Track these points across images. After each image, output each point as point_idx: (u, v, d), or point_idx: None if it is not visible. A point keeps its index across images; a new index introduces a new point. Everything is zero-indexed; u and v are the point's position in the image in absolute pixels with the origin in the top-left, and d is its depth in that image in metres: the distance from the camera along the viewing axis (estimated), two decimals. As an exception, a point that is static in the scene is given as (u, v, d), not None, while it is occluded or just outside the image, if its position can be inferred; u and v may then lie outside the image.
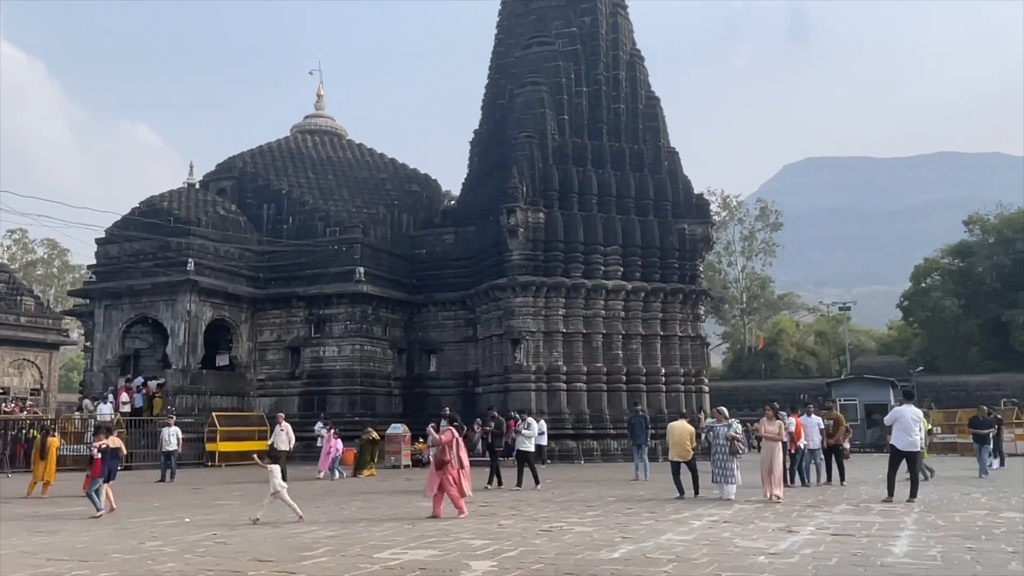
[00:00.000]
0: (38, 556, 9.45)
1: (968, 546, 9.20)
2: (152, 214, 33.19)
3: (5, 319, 39.87)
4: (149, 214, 33.27)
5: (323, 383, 32.79)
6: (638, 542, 9.84)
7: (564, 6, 36.09)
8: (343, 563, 8.61)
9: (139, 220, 33.18)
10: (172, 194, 34.80)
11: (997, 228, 57.04)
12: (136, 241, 32.64)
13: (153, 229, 32.50)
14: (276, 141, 42.17)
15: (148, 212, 33.42)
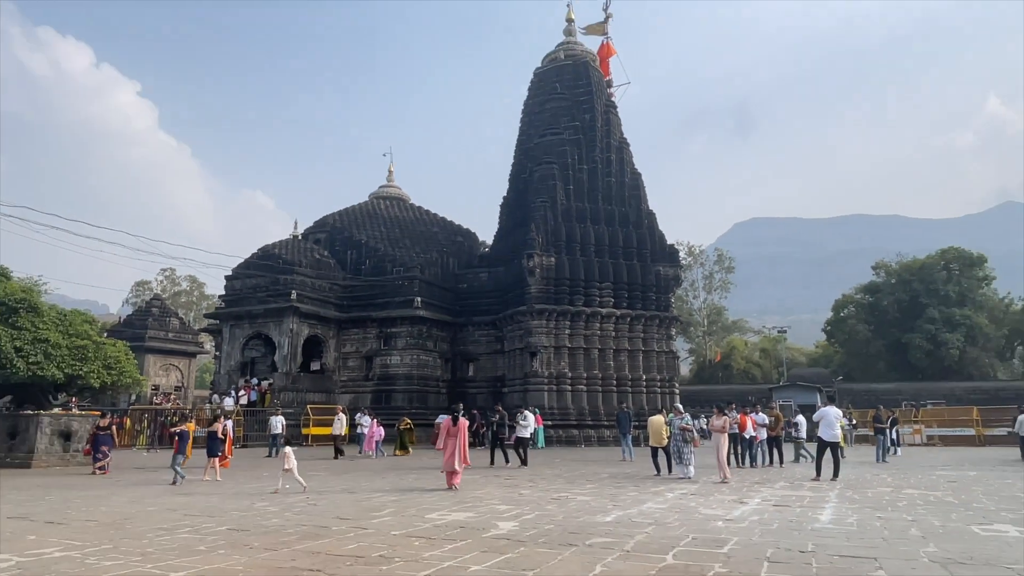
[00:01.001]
0: (177, 512, 9.56)
1: (878, 515, 9.10)
2: (266, 258, 33.76)
3: (157, 334, 40.42)
4: (264, 258, 33.84)
5: (389, 384, 32.91)
6: (625, 509, 9.80)
7: (570, 107, 36.50)
8: (402, 521, 8.64)
9: (256, 262, 33.75)
10: (281, 243, 35.36)
11: (897, 272, 56.91)
12: (253, 277, 33.14)
13: (266, 269, 33.02)
14: (358, 204, 42.94)
15: (263, 256, 34.00)
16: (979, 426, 31.07)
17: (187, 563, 6.19)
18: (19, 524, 8.45)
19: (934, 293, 52.90)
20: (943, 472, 16.37)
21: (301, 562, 6.21)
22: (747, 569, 5.90)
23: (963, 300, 52.89)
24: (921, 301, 52.86)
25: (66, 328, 19.40)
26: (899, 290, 54.91)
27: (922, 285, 53.70)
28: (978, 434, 30.73)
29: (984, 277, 55.60)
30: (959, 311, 51.63)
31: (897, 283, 55.73)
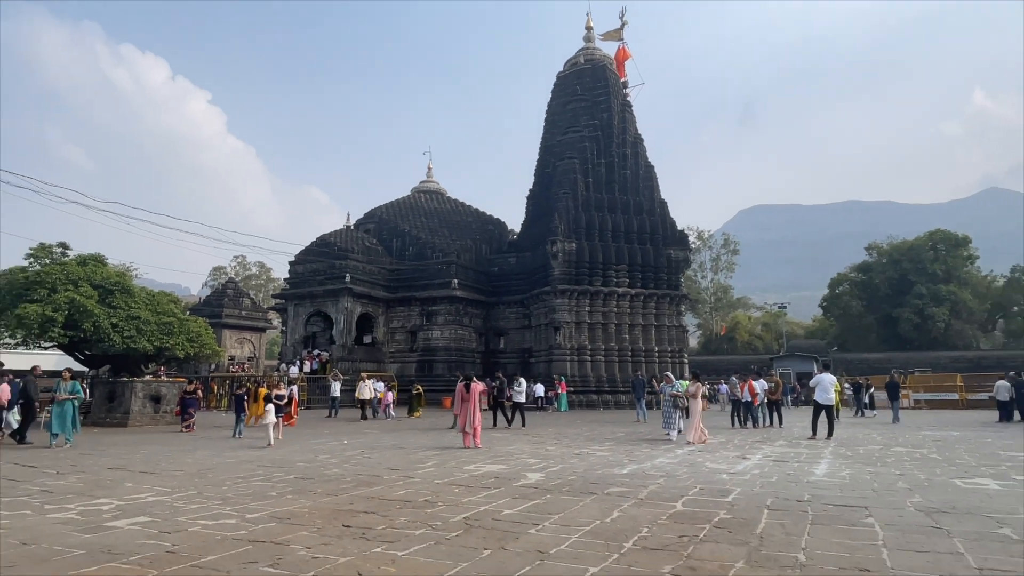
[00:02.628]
0: (251, 463, 9.80)
1: (868, 470, 8.99)
2: (323, 245, 34.11)
3: (232, 312, 41.21)
4: (321, 245, 34.19)
5: (431, 355, 33.15)
6: (639, 463, 9.81)
7: (589, 107, 36.01)
8: (444, 471, 8.75)
9: (315, 249, 34.15)
10: (335, 233, 35.64)
11: (888, 252, 55.67)
12: (313, 263, 33.53)
13: (324, 255, 33.38)
14: (401, 197, 43.05)
15: (320, 244, 34.36)
16: (962, 391, 30.35)
17: (260, 506, 6.36)
18: (118, 474, 8.76)
19: (922, 271, 51.77)
20: (928, 432, 16.07)
21: (358, 505, 6.35)
22: (749, 516, 5.88)
23: (949, 277, 51.76)
24: (910, 279, 51.81)
25: (154, 307, 19.87)
26: (890, 269, 53.80)
27: (911, 264, 52.66)
28: (961, 399, 30.04)
29: (968, 256, 54.26)
30: (945, 287, 50.61)
31: (888, 263, 54.60)
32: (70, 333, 17.59)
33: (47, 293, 17.58)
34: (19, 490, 7.35)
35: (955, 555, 4.52)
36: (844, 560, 4.39)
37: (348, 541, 4.94)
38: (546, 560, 4.40)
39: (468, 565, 4.28)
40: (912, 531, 5.24)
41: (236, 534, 5.17)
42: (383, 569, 4.20)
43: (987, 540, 4.94)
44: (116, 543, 4.90)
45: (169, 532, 5.26)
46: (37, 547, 4.81)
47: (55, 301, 17.20)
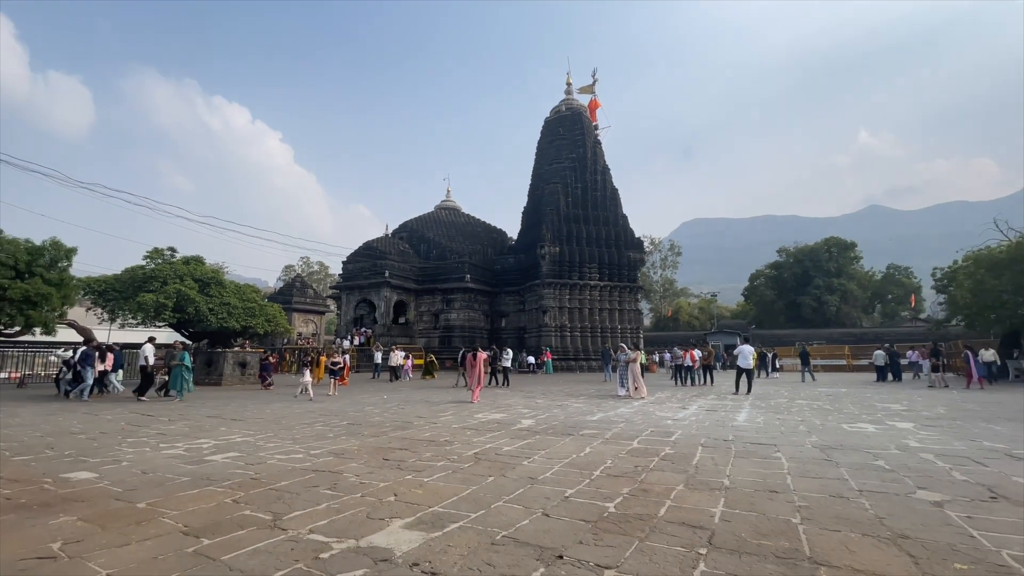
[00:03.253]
0: (314, 413, 9.80)
1: (777, 417, 9.00)
2: (368, 249, 33.92)
3: (299, 299, 41.02)
4: (366, 249, 34.00)
5: (449, 332, 33.02)
6: (606, 412, 9.81)
7: (569, 144, 35.79)
8: (459, 419, 8.75)
9: (362, 252, 33.96)
10: (377, 239, 35.40)
11: (794, 254, 55.46)
12: (360, 262, 33.36)
13: (368, 256, 33.22)
14: (426, 213, 42.73)
15: (366, 248, 34.15)
16: (849, 359, 30.41)
17: (321, 444, 6.37)
18: (213, 420, 8.77)
19: (819, 268, 51.60)
20: (823, 390, 16.12)
21: (395, 444, 6.36)
22: (687, 451, 5.90)
23: (839, 273, 51.59)
24: (810, 274, 51.63)
25: (241, 295, 19.78)
26: (795, 267, 53.63)
27: (811, 263, 52.41)
28: (848, 364, 30.11)
29: (854, 257, 54.06)
30: (836, 280, 50.51)
31: (794, 262, 54.42)
32: (177, 315, 17.55)
33: (160, 285, 17.53)
34: (140, 433, 7.36)
35: (841, 480, 4.56)
36: (758, 484, 4.42)
37: (387, 470, 4.96)
38: (535, 484, 4.43)
39: (477, 488, 4.30)
40: (809, 462, 5.27)
41: (303, 465, 5.19)
42: (413, 491, 4.22)
43: (865, 469, 4.97)
44: (212, 472, 4.92)
45: (253, 464, 5.28)
46: (153, 475, 4.82)
47: (166, 291, 17.15)
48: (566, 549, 2.99)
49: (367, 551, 3.00)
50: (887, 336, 36.29)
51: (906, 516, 3.54)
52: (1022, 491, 4.13)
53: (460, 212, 43.82)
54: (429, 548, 3.03)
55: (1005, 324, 20.90)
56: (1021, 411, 9.69)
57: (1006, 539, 3.10)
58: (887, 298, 55.70)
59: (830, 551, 2.94)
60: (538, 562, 2.83)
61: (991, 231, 24.80)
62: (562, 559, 2.86)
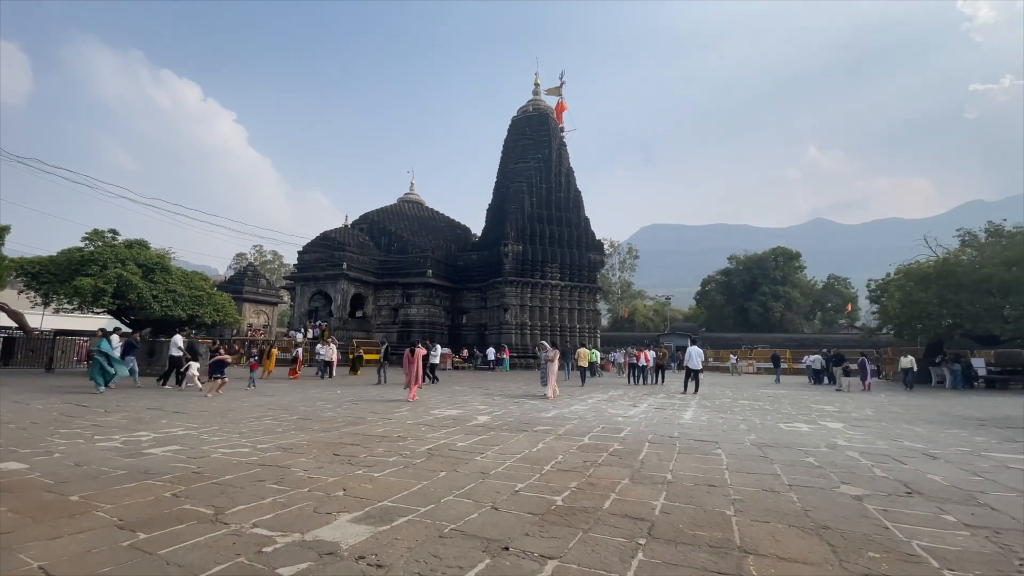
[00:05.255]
0: (263, 407, 9.49)
1: (720, 416, 9.39)
2: (325, 240, 32.95)
3: (251, 289, 39.49)
4: (324, 239, 33.02)
5: (409, 327, 32.46)
6: (560, 409, 9.97)
7: (535, 144, 35.98)
8: (414, 415, 8.70)
9: (319, 242, 32.97)
10: (336, 230, 34.42)
11: (744, 262, 57.74)
12: (317, 252, 32.36)
13: (325, 247, 32.28)
14: (389, 205, 41.89)
15: (323, 239, 33.17)
16: (790, 362, 31.98)
17: (269, 439, 6.20)
18: (154, 412, 8.36)
19: (766, 276, 53.91)
20: (764, 391, 16.87)
21: (346, 439, 6.26)
22: (635, 447, 6.10)
23: (784, 281, 54.03)
24: (758, 281, 53.88)
25: (188, 283, 18.86)
26: (744, 274, 55.84)
27: (759, 271, 54.67)
28: (789, 367, 31.67)
29: (799, 267, 56.75)
30: (781, 288, 52.88)
31: (743, 269, 56.64)
32: (118, 302, 16.54)
33: (99, 269, 16.46)
34: (74, 424, 6.93)
35: (774, 475, 4.84)
36: (699, 478, 4.63)
37: (337, 465, 4.88)
38: (487, 479, 4.47)
39: (428, 483, 4.31)
40: (747, 459, 5.56)
41: (249, 460, 5.04)
42: (363, 486, 4.18)
43: (797, 465, 5.29)
44: (151, 466, 4.70)
45: (195, 458, 5.08)
46: (87, 467, 4.56)
47: (106, 276, 16.12)
48: (512, 541, 3.06)
49: (312, 544, 2.96)
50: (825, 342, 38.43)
51: (829, 509, 3.81)
52: (936, 487, 4.51)
53: (423, 206, 43.23)
54: (376, 541, 3.03)
55: (930, 334, 22.63)
56: (939, 414, 10.52)
57: (917, 531, 3.39)
58: (827, 306, 59.02)
59: (758, 541, 3.13)
60: (484, 553, 2.88)
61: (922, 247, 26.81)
62: (508, 551, 2.92)
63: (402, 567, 2.70)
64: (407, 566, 2.71)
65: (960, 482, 4.67)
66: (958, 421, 9.30)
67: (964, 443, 6.85)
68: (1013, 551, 3.05)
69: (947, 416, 10.08)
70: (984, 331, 21.34)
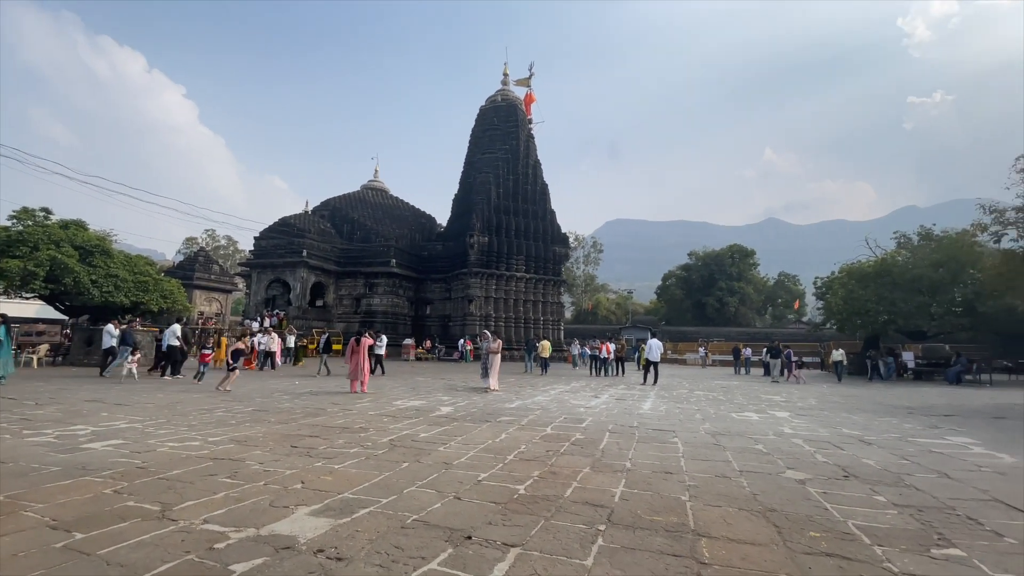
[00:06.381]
0: (215, 398, 9.13)
1: (678, 406, 9.71)
2: (284, 226, 31.79)
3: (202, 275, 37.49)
4: (283, 225, 31.85)
5: (371, 317, 31.85)
6: (524, 400, 10.06)
7: (503, 135, 35.81)
8: (376, 406, 8.57)
9: (277, 228, 31.79)
10: (295, 216, 33.27)
11: (703, 258, 59.49)
12: (275, 239, 31.21)
13: (284, 233, 31.18)
14: (352, 192, 40.74)
15: (282, 224, 31.99)
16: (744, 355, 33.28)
17: (222, 432, 5.97)
18: (94, 405, 7.89)
19: (723, 272, 55.94)
20: (718, 382, 17.54)
21: (305, 431, 6.11)
22: (596, 436, 6.23)
23: (739, 277, 56.23)
24: (715, 277, 55.85)
25: (131, 267, 17.79)
26: (702, 270, 57.69)
27: (716, 267, 56.63)
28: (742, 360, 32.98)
29: (753, 264, 59.19)
30: (736, 284, 55.08)
31: (702, 265, 58.47)
32: (51, 286, 15.41)
33: (29, 251, 15.26)
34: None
35: (726, 462, 5.06)
36: (656, 466, 4.79)
37: (294, 458, 4.76)
38: (450, 469, 4.47)
39: (390, 474, 4.26)
40: (701, 447, 5.78)
41: (199, 453, 4.83)
42: (322, 478, 4.10)
43: (747, 452, 5.55)
44: (90, 461, 4.44)
45: (140, 452, 4.83)
46: (14, 465, 4.26)
47: (37, 258, 14.98)
48: (475, 530, 3.07)
49: (268, 539, 2.88)
50: (775, 336, 40.35)
51: (775, 493, 4.02)
52: (869, 471, 4.84)
53: (388, 194, 42.31)
54: (336, 534, 2.97)
55: (868, 329, 24.13)
56: (874, 404, 11.26)
57: (853, 511, 3.62)
58: (777, 302, 61.90)
59: (711, 524, 3.28)
60: (447, 543, 2.88)
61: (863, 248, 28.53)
62: (470, 540, 2.93)
63: (363, 559, 2.66)
64: (368, 558, 2.67)
65: (890, 465, 5.03)
66: (890, 410, 9.98)
67: (894, 430, 7.37)
68: (933, 527, 3.32)
69: (880, 405, 10.80)
70: (914, 327, 22.95)
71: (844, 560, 2.78)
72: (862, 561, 2.78)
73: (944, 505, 3.79)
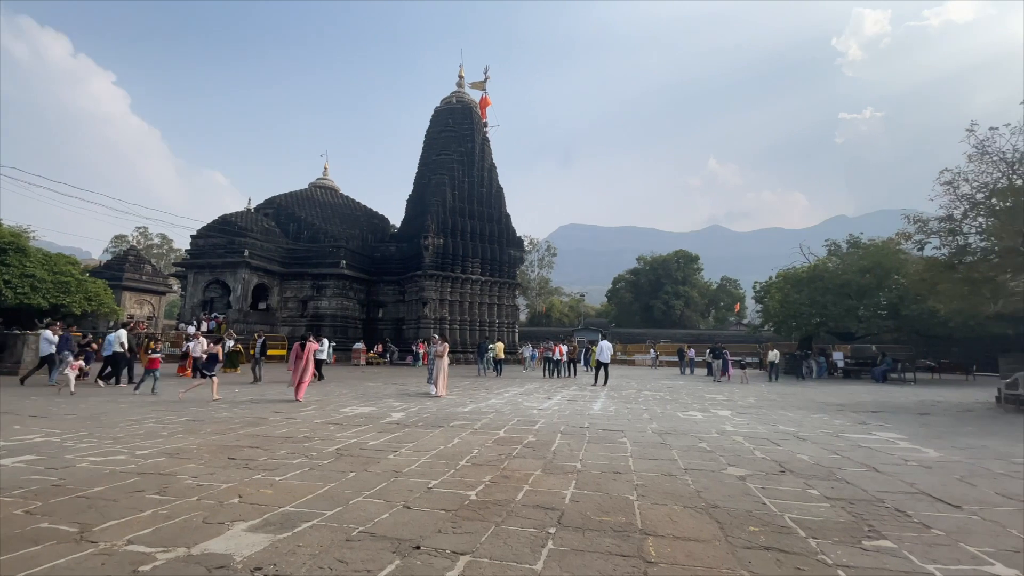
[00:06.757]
0: (145, 408, 8.52)
1: (627, 407, 9.94)
2: (225, 224, 30.09)
3: (132, 276, 35.24)
4: (223, 223, 30.14)
5: (319, 321, 30.65)
6: (478, 403, 10.00)
7: (458, 137, 35.60)
8: (323, 414, 8.27)
9: (217, 226, 30.05)
10: (237, 214, 31.59)
11: (651, 263, 61.50)
12: (214, 237, 29.49)
13: (225, 232, 29.52)
14: (299, 190, 39.08)
15: (223, 222, 30.27)
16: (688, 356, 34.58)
17: (151, 444, 5.56)
18: (6, 417, 7.16)
19: (669, 277, 58.16)
20: (665, 382, 18.09)
21: (244, 442, 5.79)
22: (548, 438, 6.27)
23: (685, 281, 58.62)
24: (662, 281, 57.98)
25: (51, 267, 16.32)
26: (650, 274, 59.72)
27: (663, 271, 58.83)
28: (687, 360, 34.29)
29: (697, 269, 61.82)
30: (682, 288, 57.35)
31: (650, 270, 60.51)
32: (-45, 287, 13.91)
33: (-72, 248, 13.73)
34: None
35: (672, 460, 5.21)
36: (605, 466, 4.87)
37: (232, 470, 4.49)
38: (399, 477, 4.36)
39: (336, 484, 4.10)
40: (649, 446, 5.94)
41: (125, 468, 4.47)
42: (261, 491, 3.89)
43: (692, 450, 5.75)
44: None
45: (56, 468, 4.41)
46: (-98, 488, 3.78)
47: (-63, 256, 13.49)
48: (424, 539, 3.00)
49: (200, 559, 2.69)
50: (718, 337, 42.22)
51: (718, 489, 4.17)
52: (804, 465, 5.12)
53: (338, 193, 40.98)
54: (275, 550, 2.82)
55: (802, 330, 25.71)
56: (808, 401, 11.98)
57: (789, 505, 3.82)
58: (720, 305, 64.85)
59: (657, 523, 3.36)
60: (394, 554, 2.79)
61: (797, 255, 30.40)
62: (419, 549, 2.86)
63: (304, 575, 2.54)
64: (310, 573, 2.55)
65: (823, 460, 5.35)
66: (822, 407, 10.65)
67: (826, 426, 7.86)
68: (863, 519, 3.55)
69: (814, 403, 11.51)
70: (844, 329, 24.67)
71: (782, 553, 2.92)
72: (798, 554, 2.92)
73: (873, 498, 4.05)
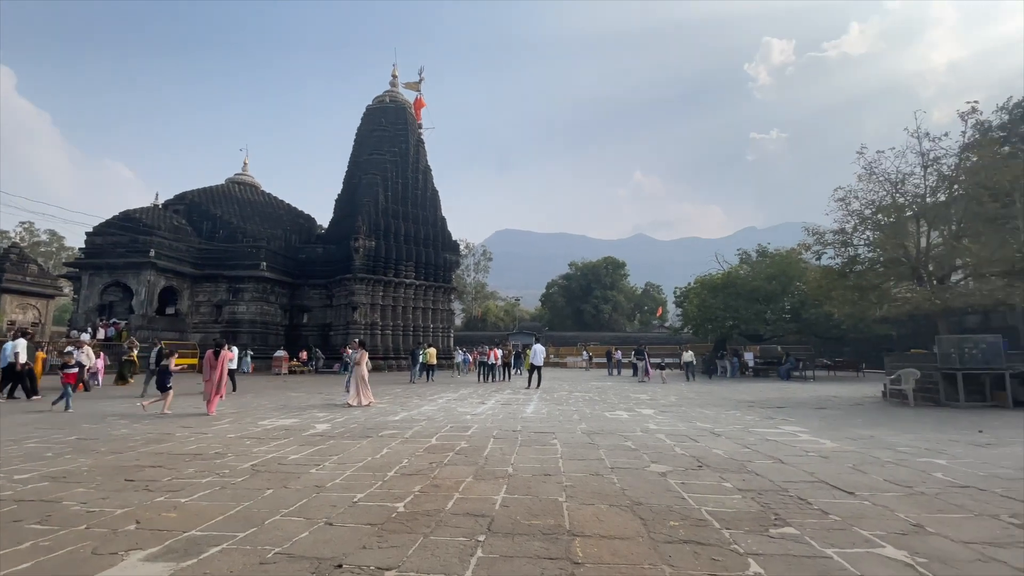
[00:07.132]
0: (28, 426, 7.49)
1: (558, 408, 10.12)
2: (128, 220, 27.24)
3: (14, 277, 30.99)
4: (126, 220, 27.26)
5: (236, 327, 28.55)
6: (409, 411, 9.77)
7: (391, 137, 34.76)
8: (238, 427, 7.70)
9: (119, 222, 27.13)
10: (142, 210, 28.76)
11: (581, 269, 63.51)
12: (115, 235, 26.57)
13: (128, 229, 26.71)
14: (215, 185, 36.16)
15: (125, 219, 27.37)
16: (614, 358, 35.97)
17: (32, 467, 4.88)
18: None
19: (598, 282, 60.36)
20: (594, 383, 18.67)
21: (144, 461, 5.23)
22: (480, 444, 6.23)
23: (613, 286, 61.07)
24: (592, 286, 60.04)
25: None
26: (581, 279, 61.69)
27: (593, 277, 60.97)
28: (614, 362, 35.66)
29: (624, 275, 64.67)
30: (610, 292, 59.74)
31: (580, 275, 62.46)
32: None
33: None
34: None
35: (599, 460, 5.36)
36: (536, 469, 4.91)
37: (129, 494, 4.04)
38: (321, 492, 4.13)
39: (250, 503, 3.81)
40: (578, 446, 6.07)
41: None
42: (163, 516, 3.52)
43: (618, 449, 5.95)
44: None
45: (-101, 504, 3.73)
46: None
47: None
48: (347, 557, 2.85)
49: (85, 598, 2.38)
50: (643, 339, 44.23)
51: (641, 486, 4.34)
52: (719, 460, 5.46)
53: (259, 190, 38.43)
54: (178, 581, 2.56)
55: (717, 333, 27.63)
56: (722, 399, 12.84)
57: (705, 498, 4.04)
58: (644, 309, 68.16)
59: (585, 523, 3.43)
60: (313, 575, 2.63)
61: (713, 263, 32.65)
62: (341, 568, 2.71)
63: (210, 607, 2.32)
64: (217, 604, 2.34)
65: (735, 454, 5.74)
66: (735, 404, 11.46)
67: (738, 422, 8.46)
68: (771, 508, 3.83)
69: (728, 400, 12.37)
70: (753, 331, 26.81)
71: (699, 545, 3.08)
72: (713, 545, 3.09)
73: (779, 488, 4.38)
